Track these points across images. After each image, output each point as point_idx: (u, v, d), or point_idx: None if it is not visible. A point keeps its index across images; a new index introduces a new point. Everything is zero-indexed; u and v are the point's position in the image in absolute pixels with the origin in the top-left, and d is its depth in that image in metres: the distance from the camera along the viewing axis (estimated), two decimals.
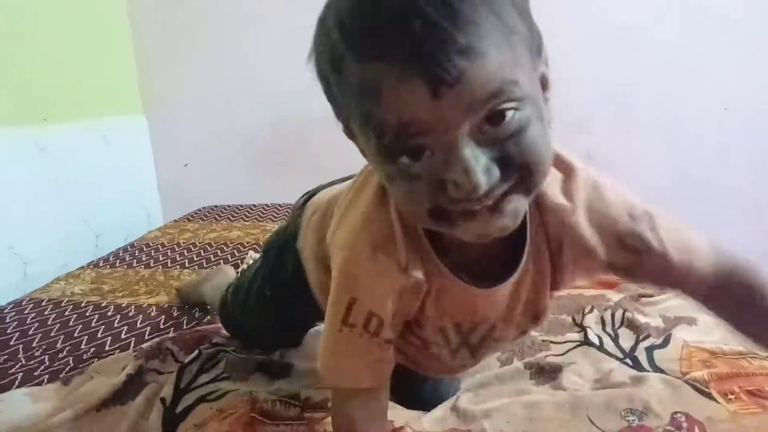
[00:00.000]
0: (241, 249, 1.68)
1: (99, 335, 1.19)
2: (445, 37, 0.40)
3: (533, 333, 1.02)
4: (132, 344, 1.14)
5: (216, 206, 2.21)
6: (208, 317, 1.24)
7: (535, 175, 0.46)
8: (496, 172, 0.44)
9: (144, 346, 1.06)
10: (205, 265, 1.57)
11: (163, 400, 0.90)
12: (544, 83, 0.50)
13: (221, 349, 1.06)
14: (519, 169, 0.45)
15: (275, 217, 2.03)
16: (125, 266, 1.61)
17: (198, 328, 1.17)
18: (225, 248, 1.71)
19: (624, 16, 2.06)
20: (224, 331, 1.14)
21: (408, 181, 0.46)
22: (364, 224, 0.59)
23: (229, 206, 2.19)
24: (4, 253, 1.64)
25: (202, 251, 1.69)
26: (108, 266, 1.62)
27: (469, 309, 0.62)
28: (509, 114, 0.43)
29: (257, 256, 1.52)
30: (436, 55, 0.40)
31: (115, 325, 1.23)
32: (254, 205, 2.19)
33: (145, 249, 1.75)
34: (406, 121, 0.43)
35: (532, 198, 0.49)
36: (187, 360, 1.01)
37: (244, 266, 1.48)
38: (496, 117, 0.43)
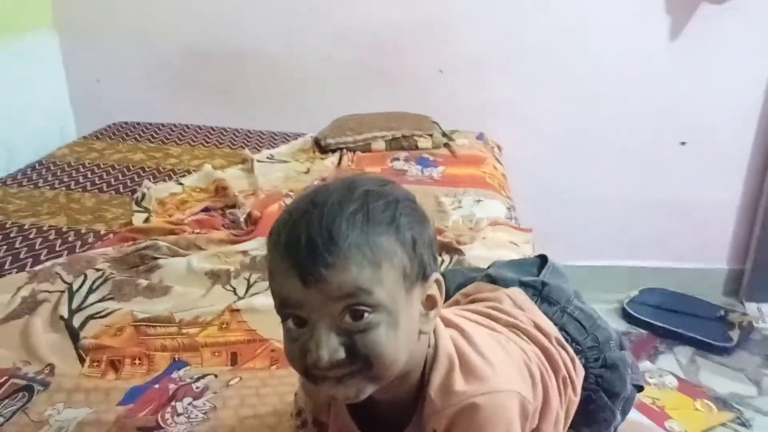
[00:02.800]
0: (141, 174, 1.88)
1: (0, 254, 1.40)
2: (318, 254, 0.58)
3: None
4: (29, 264, 1.36)
5: (126, 123, 2.35)
6: (99, 242, 1.46)
7: (375, 367, 0.61)
8: (342, 354, 0.60)
9: (36, 269, 1.29)
10: (105, 190, 1.77)
11: (62, 317, 1.16)
12: (430, 302, 0.66)
13: (106, 273, 1.30)
14: (363, 359, 0.61)
15: (180, 140, 2.21)
16: (32, 186, 1.79)
17: (87, 252, 1.39)
18: (126, 172, 1.90)
19: None
20: (110, 254, 1.38)
21: (290, 341, 0.63)
22: None
23: (138, 124, 2.33)
24: None
25: (104, 174, 1.88)
26: (15, 185, 1.79)
27: None
28: (366, 315, 0.60)
29: (150, 184, 1.74)
30: (308, 263, 0.58)
31: (16, 246, 1.44)
32: (162, 125, 2.33)
33: (51, 168, 1.91)
34: (284, 296, 0.62)
35: (379, 384, 0.64)
36: (74, 283, 1.25)
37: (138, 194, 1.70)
38: (357, 314, 0.59)
